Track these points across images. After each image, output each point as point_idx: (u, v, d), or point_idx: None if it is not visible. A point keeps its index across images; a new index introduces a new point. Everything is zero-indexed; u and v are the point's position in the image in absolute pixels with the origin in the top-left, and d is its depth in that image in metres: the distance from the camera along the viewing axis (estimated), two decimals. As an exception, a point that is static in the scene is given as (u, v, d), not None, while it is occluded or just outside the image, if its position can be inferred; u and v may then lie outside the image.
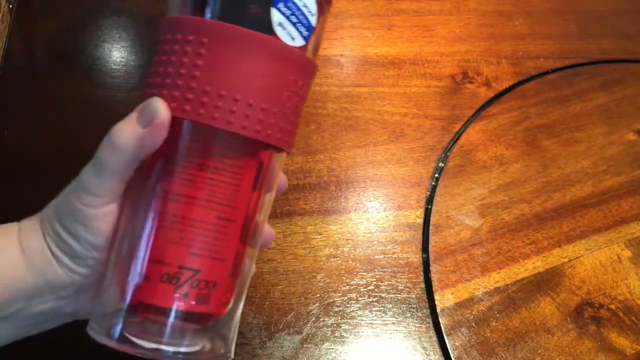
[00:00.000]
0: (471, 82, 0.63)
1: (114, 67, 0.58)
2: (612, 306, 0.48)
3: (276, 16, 0.28)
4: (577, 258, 0.50)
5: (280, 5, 0.28)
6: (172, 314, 0.28)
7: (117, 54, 0.59)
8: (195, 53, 0.27)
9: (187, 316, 0.28)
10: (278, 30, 0.28)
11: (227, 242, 0.29)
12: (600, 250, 0.51)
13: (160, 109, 0.27)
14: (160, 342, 0.27)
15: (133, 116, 0.28)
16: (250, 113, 0.27)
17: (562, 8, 0.74)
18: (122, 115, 0.59)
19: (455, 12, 0.71)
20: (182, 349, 0.28)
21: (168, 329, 0.28)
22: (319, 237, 0.48)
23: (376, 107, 0.59)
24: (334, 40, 0.65)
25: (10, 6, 0.61)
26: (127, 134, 0.27)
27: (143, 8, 0.64)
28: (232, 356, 0.30)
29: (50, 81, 0.56)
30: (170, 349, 0.27)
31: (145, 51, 0.60)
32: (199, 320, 0.29)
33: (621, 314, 0.47)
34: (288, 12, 0.28)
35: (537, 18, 0.72)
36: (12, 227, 0.30)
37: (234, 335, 0.31)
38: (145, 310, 0.28)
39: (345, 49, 0.64)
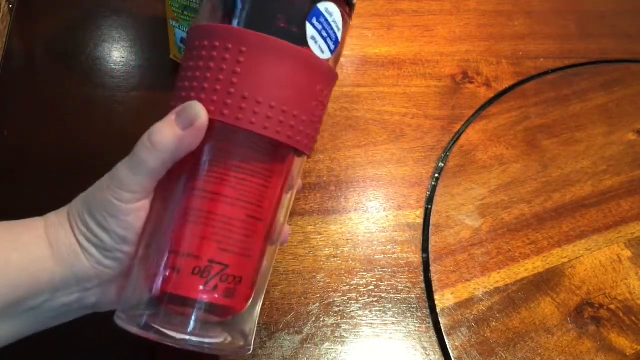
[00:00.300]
0: (471, 82, 0.63)
1: (114, 67, 0.58)
2: (612, 306, 0.48)
3: (310, 30, 0.30)
4: (577, 258, 0.50)
5: (314, 20, 0.30)
6: (200, 306, 0.29)
7: (117, 54, 0.59)
8: (234, 60, 0.28)
9: (213, 309, 0.30)
10: (311, 43, 0.30)
11: (255, 240, 0.30)
12: (600, 250, 0.51)
13: (201, 112, 0.28)
14: (186, 332, 0.29)
15: (171, 118, 0.29)
16: (284, 119, 0.29)
17: (562, 8, 0.74)
18: (122, 115, 0.60)
19: (455, 12, 0.71)
20: (206, 340, 0.29)
21: (195, 320, 0.29)
22: (319, 237, 0.48)
23: (376, 107, 0.59)
24: (334, 40, 0.65)
25: (10, 6, 0.61)
26: (167, 135, 0.28)
27: (143, 8, 0.64)
28: (252, 349, 0.32)
29: (50, 81, 0.56)
30: (194, 339, 0.29)
31: (145, 51, 0.60)
32: (223, 313, 0.30)
33: (621, 314, 0.47)
34: (320, 27, 0.30)
35: (537, 18, 0.72)
36: (37, 222, 0.30)
37: (253, 330, 0.32)
38: (173, 301, 0.29)
39: (345, 49, 0.64)
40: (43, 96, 0.55)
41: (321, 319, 0.43)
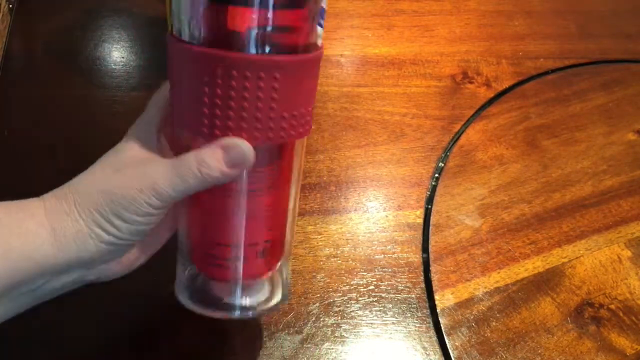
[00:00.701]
0: (471, 82, 0.63)
1: (114, 67, 0.58)
2: (612, 306, 0.48)
3: (320, 31, 0.31)
4: (577, 258, 0.50)
5: (321, 21, 0.31)
6: (257, 280, 0.35)
7: (117, 54, 0.59)
8: (270, 87, 0.29)
9: (262, 275, 0.35)
10: (319, 42, 0.31)
11: (284, 211, 0.35)
12: (600, 250, 0.51)
13: (248, 153, 0.30)
14: (247, 303, 0.34)
15: (219, 154, 0.30)
16: (308, 119, 0.32)
17: (562, 8, 0.74)
18: (122, 115, 0.60)
19: (455, 12, 0.71)
20: (249, 302, 0.35)
21: (252, 292, 0.35)
22: (319, 237, 0.48)
23: (376, 107, 0.59)
24: (334, 40, 0.65)
25: (10, 6, 0.61)
26: (214, 170, 0.30)
27: (143, 8, 0.64)
28: (289, 300, 0.37)
29: (50, 81, 0.56)
30: (255, 305, 0.35)
31: (145, 51, 0.60)
32: (266, 274, 0.35)
33: (621, 314, 0.47)
34: (322, 23, 0.31)
35: (537, 18, 0.72)
36: (35, 205, 0.30)
37: (287, 282, 0.37)
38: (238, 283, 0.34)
39: (345, 49, 0.64)
40: (43, 96, 0.55)
41: (321, 319, 0.43)
